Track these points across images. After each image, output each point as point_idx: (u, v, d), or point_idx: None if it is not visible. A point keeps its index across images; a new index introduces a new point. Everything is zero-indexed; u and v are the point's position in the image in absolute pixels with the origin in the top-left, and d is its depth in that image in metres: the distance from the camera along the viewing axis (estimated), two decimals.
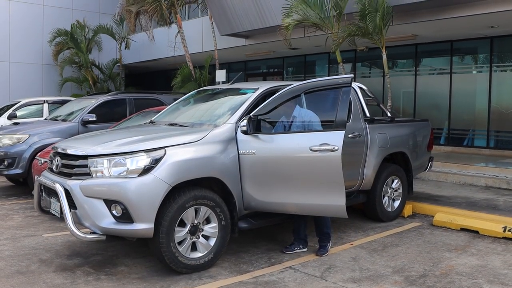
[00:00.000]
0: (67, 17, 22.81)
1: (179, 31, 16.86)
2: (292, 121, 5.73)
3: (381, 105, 8.51)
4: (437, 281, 5.02)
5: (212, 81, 16.25)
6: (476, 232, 6.82)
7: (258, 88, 6.18)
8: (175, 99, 7.89)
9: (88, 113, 10.09)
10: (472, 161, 11.71)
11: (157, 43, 20.21)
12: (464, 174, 10.49)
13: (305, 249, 5.95)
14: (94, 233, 4.97)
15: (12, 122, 12.64)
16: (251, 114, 5.47)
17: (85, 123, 9.91)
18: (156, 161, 4.93)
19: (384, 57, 12.25)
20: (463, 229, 6.97)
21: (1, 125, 12.61)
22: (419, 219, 7.67)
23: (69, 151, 5.30)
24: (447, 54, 14.88)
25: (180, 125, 6.12)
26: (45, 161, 7.59)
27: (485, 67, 14.27)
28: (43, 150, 8.77)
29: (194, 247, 5.22)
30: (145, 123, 7.11)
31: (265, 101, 5.71)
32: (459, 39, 14.34)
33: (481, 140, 14.35)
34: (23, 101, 14.76)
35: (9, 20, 21.79)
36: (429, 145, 8.41)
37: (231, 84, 7.24)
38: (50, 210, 5.43)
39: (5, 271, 5.23)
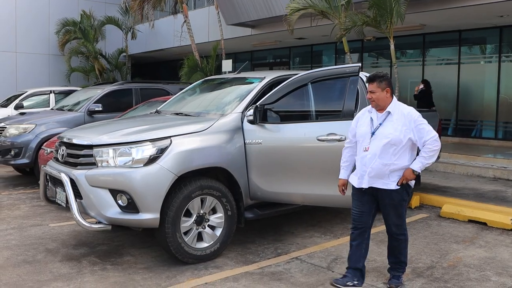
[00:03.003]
0: (73, 7, 22.77)
1: (185, 21, 16.81)
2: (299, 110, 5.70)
3: None
4: (444, 273, 4.98)
5: (218, 71, 16.20)
6: (484, 223, 6.77)
7: (264, 77, 6.14)
8: (181, 89, 7.83)
9: (94, 103, 10.07)
10: (480, 152, 11.64)
11: (163, 33, 20.19)
12: (472, 165, 10.42)
13: (360, 287, 4.55)
14: (99, 223, 4.96)
15: (19, 112, 12.66)
16: (257, 104, 5.43)
17: (91, 113, 9.89)
18: (162, 151, 4.90)
19: (392, 47, 12.14)
20: (471, 221, 6.92)
21: (8, 115, 12.60)
22: (427, 211, 7.62)
23: (75, 141, 5.29)
24: (455, 44, 14.76)
25: (186, 115, 6.09)
26: (51, 151, 7.58)
27: (494, 57, 14.15)
28: (49, 140, 8.77)
29: (200, 237, 5.20)
30: (151, 113, 7.09)
31: (271, 90, 5.66)
32: (468, 29, 14.22)
33: (489, 131, 14.26)
34: (30, 91, 14.77)
35: (15, 10, 21.76)
36: None
37: (238, 73, 7.19)
38: (56, 199, 5.43)
39: (12, 260, 5.23)
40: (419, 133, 4.26)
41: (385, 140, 4.27)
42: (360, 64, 5.58)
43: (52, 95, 14.45)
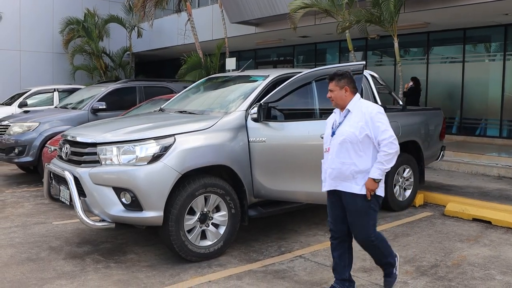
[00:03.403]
0: (77, 5, 22.79)
1: (189, 19, 16.79)
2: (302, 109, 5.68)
3: (392, 93, 8.41)
4: (448, 272, 4.96)
5: (222, 69, 16.18)
6: (489, 222, 6.74)
7: (268, 75, 6.12)
8: (185, 87, 7.83)
9: (98, 101, 10.08)
10: (485, 151, 11.60)
11: (167, 31, 20.19)
12: (476, 164, 10.39)
13: None
14: (103, 220, 4.97)
15: (23, 110, 12.68)
16: (261, 102, 5.42)
17: (95, 111, 9.90)
18: (166, 149, 4.89)
19: (396, 45, 12.12)
20: (475, 219, 6.89)
21: (12, 113, 12.63)
22: (431, 209, 7.60)
23: (79, 139, 5.29)
24: (460, 42, 14.71)
25: (190, 113, 6.09)
26: (55, 149, 7.59)
27: (499, 55, 14.10)
28: (53, 138, 8.78)
29: (203, 235, 5.19)
30: (154, 111, 7.08)
31: (275, 88, 5.65)
32: (472, 27, 14.17)
33: (494, 130, 14.21)
34: (34, 90, 14.80)
35: (20, 9, 21.79)
36: (441, 134, 8.32)
37: (241, 71, 7.18)
38: (60, 197, 5.44)
39: (16, 258, 5.24)
40: (375, 131, 4.00)
41: (341, 138, 4.07)
42: (364, 62, 5.56)
43: (56, 93, 14.48)
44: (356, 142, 4.03)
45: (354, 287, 4.42)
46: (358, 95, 4.25)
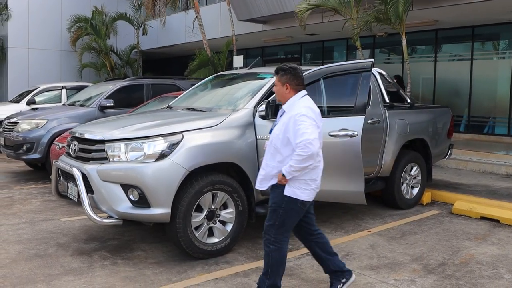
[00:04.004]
0: (85, 3, 22.86)
1: (196, 17, 16.78)
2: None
3: (400, 91, 8.38)
4: (456, 270, 4.94)
5: (229, 67, 16.17)
6: (497, 221, 6.71)
7: None
8: (193, 85, 7.84)
9: (106, 98, 10.11)
10: (493, 149, 11.54)
11: (174, 29, 20.19)
12: (484, 162, 10.34)
13: (352, 277, 4.31)
14: (111, 217, 4.98)
15: (31, 108, 12.75)
16: (269, 99, 5.40)
17: (102, 108, 9.93)
18: (173, 146, 4.90)
19: (404, 42, 12.05)
20: (483, 218, 6.86)
21: (20, 111, 12.69)
22: (438, 207, 7.57)
23: (87, 136, 5.30)
24: (468, 40, 14.62)
25: (198, 110, 6.09)
26: (63, 146, 7.61)
27: (508, 53, 14.02)
28: (61, 135, 8.81)
29: (211, 233, 5.19)
30: (162, 108, 7.09)
31: None
32: (481, 25, 14.07)
33: (502, 128, 14.11)
34: (42, 87, 14.87)
35: (28, 7, 21.89)
36: (449, 132, 8.29)
37: (249, 69, 7.18)
38: (68, 194, 5.46)
39: (24, 254, 5.27)
40: (294, 134, 3.80)
41: (271, 139, 4.01)
42: (372, 60, 5.55)
43: (63, 91, 14.55)
44: (279, 144, 3.92)
45: (350, 271, 4.29)
46: (300, 94, 4.05)
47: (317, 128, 3.89)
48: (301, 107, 3.91)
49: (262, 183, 4.09)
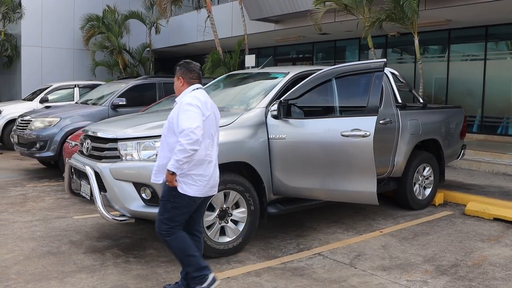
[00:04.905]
0: (97, 2, 22.95)
1: (208, 16, 16.81)
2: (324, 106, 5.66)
3: (413, 91, 8.34)
4: (469, 271, 4.91)
5: (241, 66, 16.17)
6: (510, 222, 6.66)
7: (288, 73, 6.11)
8: (205, 84, 7.85)
9: (118, 97, 10.14)
10: (506, 150, 11.43)
11: (186, 28, 20.24)
12: (498, 163, 10.25)
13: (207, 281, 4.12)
14: (123, 215, 5.01)
15: (44, 106, 12.83)
16: (281, 99, 5.41)
17: (115, 107, 9.97)
18: None
19: (416, 42, 12.00)
20: (496, 219, 6.81)
21: (33, 109, 12.77)
22: (451, 208, 7.53)
23: (100, 134, 5.33)
24: (482, 39, 14.50)
25: None
26: (76, 144, 7.66)
27: None
28: (74, 133, 8.86)
29: (222, 232, 5.20)
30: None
31: (295, 85, 5.63)
32: (495, 24, 13.95)
33: None
34: (55, 85, 14.95)
35: (42, 6, 22.02)
36: (462, 133, 8.24)
37: (261, 68, 7.18)
38: (81, 192, 5.49)
39: (37, 252, 5.31)
40: (178, 122, 3.82)
41: (162, 131, 4.05)
42: (385, 60, 5.52)
43: (76, 89, 14.62)
44: (167, 134, 3.97)
45: (207, 272, 4.14)
46: (193, 87, 4.07)
47: (202, 116, 3.87)
48: (187, 97, 3.95)
49: (157, 176, 4.10)
